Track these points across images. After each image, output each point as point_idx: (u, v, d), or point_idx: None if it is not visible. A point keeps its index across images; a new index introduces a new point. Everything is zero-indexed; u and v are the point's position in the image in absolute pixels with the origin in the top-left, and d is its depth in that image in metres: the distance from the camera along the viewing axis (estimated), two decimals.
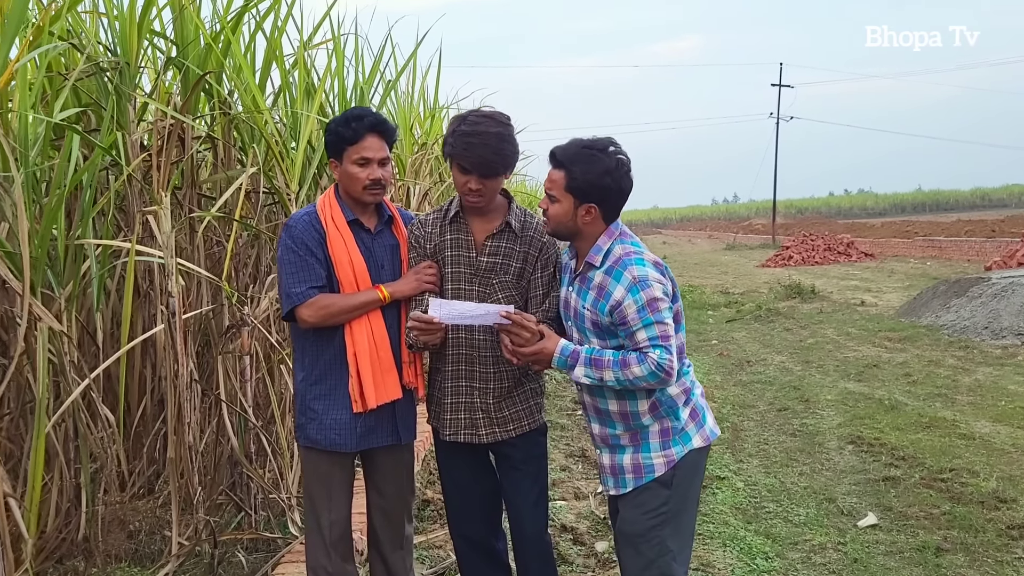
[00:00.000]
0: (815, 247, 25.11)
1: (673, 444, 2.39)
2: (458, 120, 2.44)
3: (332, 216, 2.51)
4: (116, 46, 4.09)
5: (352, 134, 2.48)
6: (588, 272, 2.40)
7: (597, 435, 2.49)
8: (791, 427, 5.90)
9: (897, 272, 18.95)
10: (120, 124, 3.93)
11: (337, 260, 2.48)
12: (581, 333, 2.43)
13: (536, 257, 2.56)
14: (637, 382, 2.26)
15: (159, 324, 3.24)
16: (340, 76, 4.67)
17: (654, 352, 2.24)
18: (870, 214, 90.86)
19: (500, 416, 2.55)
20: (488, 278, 2.52)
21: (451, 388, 2.55)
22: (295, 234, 2.49)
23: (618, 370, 2.27)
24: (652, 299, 2.25)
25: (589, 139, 2.35)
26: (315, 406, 2.53)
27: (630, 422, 2.40)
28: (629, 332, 2.28)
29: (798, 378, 7.56)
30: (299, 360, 2.59)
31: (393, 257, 2.61)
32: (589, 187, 2.30)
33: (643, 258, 2.34)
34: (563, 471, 4.91)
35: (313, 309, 2.44)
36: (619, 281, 2.29)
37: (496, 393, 2.54)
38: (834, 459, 5.09)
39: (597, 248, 2.38)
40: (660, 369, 2.23)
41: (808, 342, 9.53)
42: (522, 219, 2.57)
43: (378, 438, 2.57)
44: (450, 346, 2.53)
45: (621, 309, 2.27)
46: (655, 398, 2.37)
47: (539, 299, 2.56)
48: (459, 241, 2.53)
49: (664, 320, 2.27)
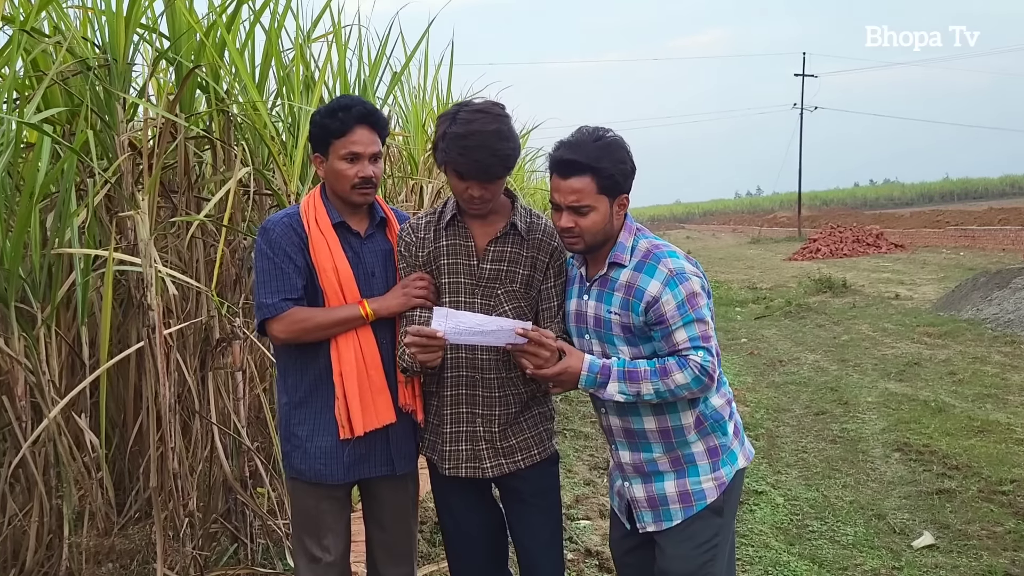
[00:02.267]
0: (843, 239, 24.52)
1: (723, 464, 2.12)
2: (447, 119, 2.11)
3: (316, 218, 2.22)
4: (107, 43, 3.84)
5: (339, 125, 2.18)
6: (611, 273, 2.11)
7: (628, 464, 2.18)
8: (831, 432, 5.53)
9: (930, 263, 18.37)
10: (108, 124, 3.72)
11: (320, 267, 2.19)
12: (606, 344, 2.13)
13: (547, 263, 2.24)
14: (679, 391, 1.99)
15: (143, 340, 2.96)
16: (342, 68, 4.38)
17: (696, 354, 1.98)
18: (897, 204, 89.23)
19: (506, 446, 2.23)
20: (492, 288, 2.20)
21: (450, 415, 2.24)
22: (272, 238, 2.19)
23: (657, 380, 1.99)
24: (692, 293, 2.00)
25: (588, 131, 2.06)
26: (299, 432, 2.24)
27: (672, 441, 2.11)
28: (666, 332, 2.01)
29: (835, 378, 7.17)
30: (281, 380, 2.30)
31: (386, 264, 2.30)
32: (623, 178, 2.05)
33: (675, 251, 2.08)
34: (587, 485, 4.58)
35: (285, 324, 2.16)
36: (653, 275, 2.03)
37: (502, 420, 2.23)
38: (880, 469, 4.72)
39: (621, 246, 2.11)
40: (704, 373, 1.98)
41: (842, 339, 9.12)
42: (528, 220, 2.26)
43: (370, 467, 2.27)
44: (449, 367, 2.21)
45: (658, 306, 2.00)
46: (699, 411, 2.09)
47: (553, 311, 2.25)
48: (457, 247, 2.22)
49: (704, 318, 2.01)
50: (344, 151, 2.18)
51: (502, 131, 2.06)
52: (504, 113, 2.11)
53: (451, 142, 2.05)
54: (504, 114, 2.11)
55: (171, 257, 4.00)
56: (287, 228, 2.21)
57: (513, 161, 2.11)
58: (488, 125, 2.05)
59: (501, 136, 2.05)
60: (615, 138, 2.05)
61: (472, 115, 2.06)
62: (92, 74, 3.68)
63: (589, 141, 2.02)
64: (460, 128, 2.04)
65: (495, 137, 2.04)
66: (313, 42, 4.57)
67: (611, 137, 2.04)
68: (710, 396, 2.11)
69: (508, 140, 2.07)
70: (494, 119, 2.07)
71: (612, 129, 2.07)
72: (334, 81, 4.47)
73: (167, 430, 2.79)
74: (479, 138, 2.02)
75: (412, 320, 2.19)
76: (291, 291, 2.16)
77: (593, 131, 2.05)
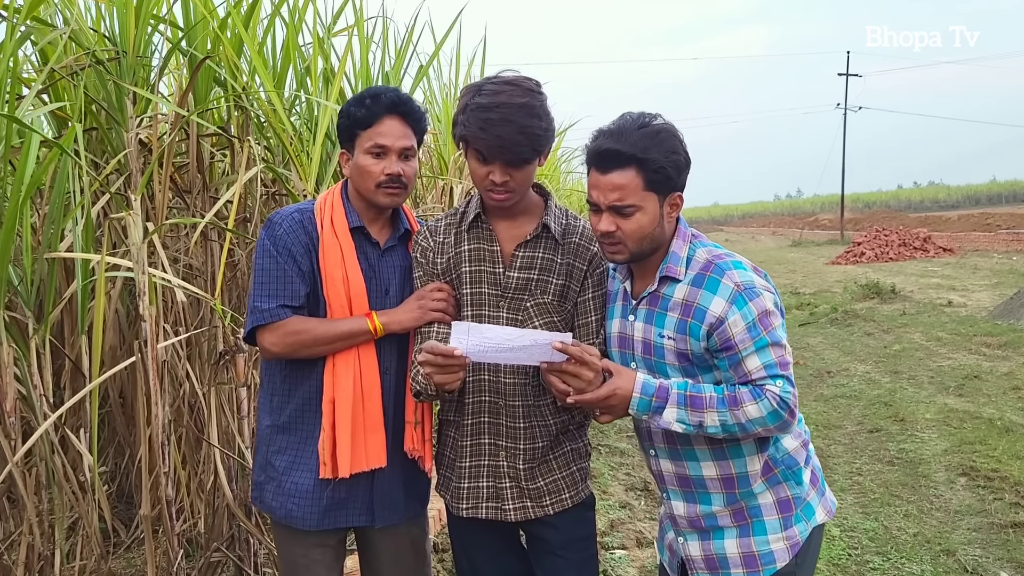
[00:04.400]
0: (888, 242, 23.76)
1: (796, 521, 1.77)
2: (471, 91, 1.81)
3: (332, 218, 1.94)
4: (117, 35, 3.64)
5: (366, 115, 1.92)
6: (663, 289, 1.78)
7: (682, 516, 1.85)
8: (887, 453, 5.13)
9: (982, 268, 17.63)
10: (117, 121, 3.51)
11: (328, 275, 1.90)
12: (657, 374, 1.80)
13: (585, 271, 1.93)
14: (750, 426, 1.67)
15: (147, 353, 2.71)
16: (364, 58, 4.11)
17: (773, 384, 1.66)
18: (942, 207, 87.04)
19: (533, 487, 1.92)
20: (520, 300, 1.89)
21: (470, 447, 1.94)
22: (277, 234, 1.92)
23: (725, 410, 1.67)
24: (764, 312, 1.68)
25: (633, 117, 1.73)
26: (276, 462, 1.96)
27: (735, 491, 1.78)
28: (735, 360, 1.69)
29: (888, 392, 6.73)
30: (266, 399, 2.02)
31: (403, 282, 2.01)
32: (675, 172, 1.72)
33: (740, 260, 1.75)
34: (622, 509, 4.25)
35: (279, 335, 1.87)
36: (716, 291, 1.70)
37: (528, 455, 1.92)
38: (945, 496, 4.32)
39: (674, 256, 1.78)
40: (783, 407, 1.65)
41: (894, 348, 8.64)
42: (564, 221, 1.95)
43: (347, 515, 1.96)
44: (470, 391, 1.91)
45: (724, 328, 1.67)
46: (768, 455, 1.76)
47: (592, 328, 1.93)
48: (480, 252, 1.92)
49: (781, 341, 1.69)
50: (370, 143, 1.91)
51: (532, 106, 1.76)
52: (537, 88, 1.81)
53: (472, 114, 1.76)
54: (537, 89, 1.81)
55: (187, 260, 3.77)
56: (296, 225, 1.93)
57: (544, 143, 1.81)
58: (516, 98, 1.75)
59: (531, 112, 1.76)
60: (665, 125, 1.72)
61: (500, 87, 1.77)
62: (102, 68, 3.49)
63: (634, 128, 1.70)
64: (485, 99, 1.76)
65: (524, 112, 1.75)
66: (335, 36, 4.33)
67: (660, 123, 1.72)
68: (782, 437, 1.78)
69: (539, 118, 1.77)
70: (524, 92, 1.77)
71: (661, 115, 1.75)
72: (355, 73, 4.20)
73: (159, 453, 2.53)
74: (505, 111, 1.73)
75: (428, 337, 1.89)
76: (292, 297, 1.89)
77: (638, 117, 1.73)
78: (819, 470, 1.89)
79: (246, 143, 3.37)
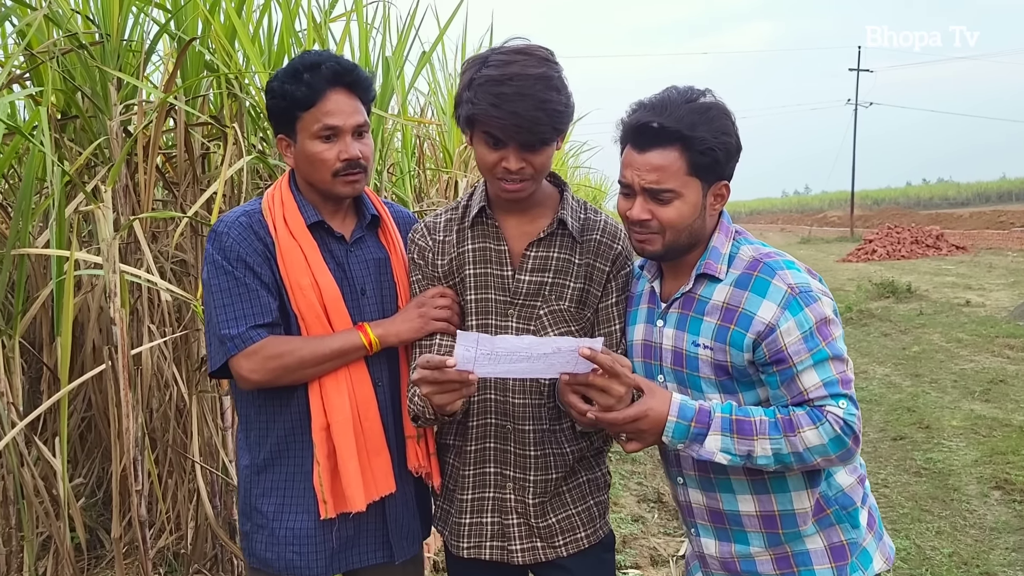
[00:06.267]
0: (900, 240, 23.43)
1: (852, 571, 1.53)
2: (476, 63, 1.56)
3: (285, 217, 1.67)
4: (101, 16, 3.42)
5: (307, 92, 1.62)
6: (700, 290, 1.54)
7: (714, 556, 1.61)
8: (914, 463, 4.87)
9: (997, 267, 17.29)
10: (100, 108, 3.30)
11: (294, 284, 1.64)
12: (689, 389, 1.56)
13: (607, 273, 1.68)
14: (809, 456, 1.42)
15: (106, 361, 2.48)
16: (364, 43, 3.87)
17: (836, 405, 1.41)
18: (952, 204, 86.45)
19: (544, 525, 1.68)
20: (532, 307, 1.65)
21: (472, 477, 1.69)
22: (227, 245, 1.64)
23: (779, 437, 1.42)
24: (824, 320, 1.44)
25: (679, 90, 1.49)
26: (263, 507, 1.69)
27: (779, 531, 1.53)
28: (788, 375, 1.44)
29: (910, 396, 6.46)
30: (242, 437, 1.76)
31: (380, 277, 1.75)
32: (725, 157, 1.48)
33: (792, 260, 1.51)
34: (634, 522, 4.00)
35: (259, 360, 1.59)
36: (765, 294, 1.46)
37: (538, 489, 1.67)
38: (978, 511, 4.07)
39: (715, 252, 1.54)
40: (848, 432, 1.41)
41: (913, 350, 8.36)
42: (582, 216, 1.70)
43: (361, 554, 1.72)
44: (474, 413, 1.67)
45: (775, 337, 1.43)
46: (820, 492, 1.51)
47: (616, 338, 1.69)
48: (486, 252, 1.67)
49: (843, 355, 1.45)
50: (318, 126, 1.63)
51: (551, 77, 1.51)
52: (552, 58, 1.56)
53: (481, 89, 1.50)
54: (552, 59, 1.55)
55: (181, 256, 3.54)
56: (245, 231, 1.65)
57: (565, 121, 1.55)
58: (531, 68, 1.49)
59: (549, 84, 1.50)
60: (716, 102, 1.48)
61: (511, 56, 1.52)
62: (85, 52, 3.27)
63: (681, 102, 1.46)
64: (495, 71, 1.50)
65: (542, 84, 1.49)
66: (333, 21, 4.10)
67: (711, 100, 1.48)
68: (835, 471, 1.54)
69: (558, 91, 1.52)
70: (539, 62, 1.52)
71: (712, 90, 1.50)
72: (353, 58, 3.97)
73: (131, 469, 2.30)
74: (520, 84, 1.47)
75: (429, 350, 1.65)
76: (262, 314, 1.61)
77: (686, 90, 1.49)
78: (876, 510, 1.65)
79: (230, 130, 3.13)
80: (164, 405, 3.24)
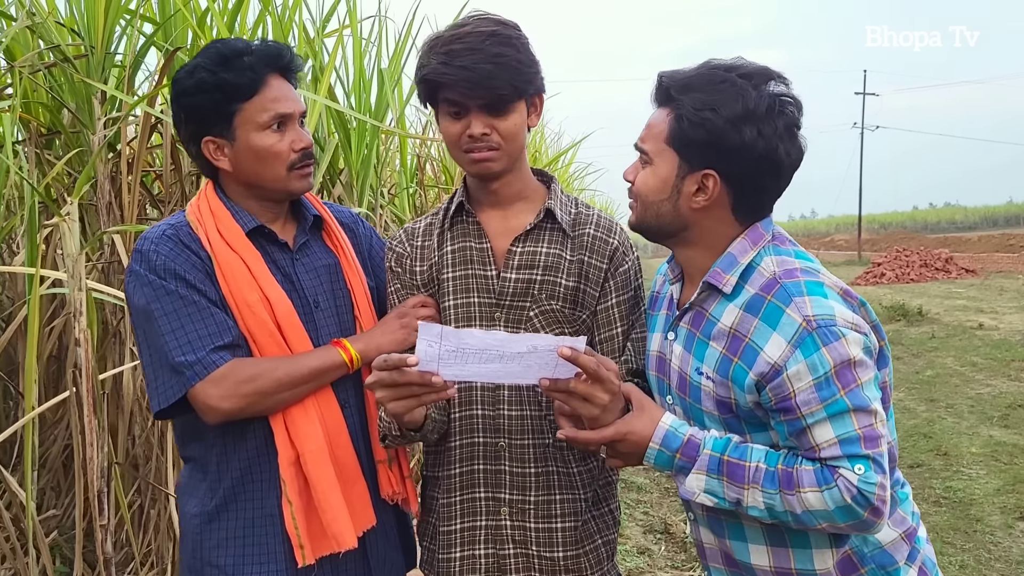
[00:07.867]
0: (910, 263, 23.22)
1: None
2: (432, 39, 1.47)
3: (218, 228, 1.48)
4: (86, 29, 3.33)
5: (250, 79, 1.45)
6: (708, 304, 1.34)
7: None
8: (933, 492, 4.65)
9: (1008, 290, 17.05)
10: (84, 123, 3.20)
11: (240, 302, 1.45)
12: (691, 419, 1.37)
13: (604, 270, 1.52)
14: (810, 520, 1.20)
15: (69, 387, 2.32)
16: (358, 55, 3.75)
17: (850, 469, 1.17)
18: (959, 228, 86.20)
19: (547, 557, 1.50)
20: (521, 308, 1.49)
21: (460, 505, 1.52)
22: (159, 264, 1.43)
23: (774, 492, 1.21)
24: (845, 363, 1.18)
25: (715, 62, 1.33)
26: (219, 560, 1.48)
27: None
28: (797, 427, 1.22)
29: (926, 422, 6.25)
30: (188, 481, 1.55)
31: (333, 286, 1.59)
32: (714, 137, 1.26)
33: (821, 281, 1.27)
34: (641, 555, 3.80)
35: (229, 386, 1.39)
36: (775, 326, 1.23)
37: (540, 512, 1.50)
38: (1003, 543, 3.86)
39: (728, 260, 1.32)
40: (862, 503, 1.17)
41: (926, 374, 8.15)
42: (573, 210, 1.56)
43: None
44: (456, 432, 1.51)
45: (781, 381, 1.21)
46: (852, 549, 1.29)
47: (616, 344, 1.53)
48: (467, 252, 1.53)
49: (868, 405, 1.19)
50: (266, 116, 1.46)
51: (505, 35, 1.43)
52: (512, 24, 1.47)
53: (432, 51, 1.43)
54: (511, 24, 1.47)
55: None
56: (176, 246, 1.46)
57: (523, 78, 1.43)
58: (483, 27, 1.42)
59: (503, 40, 1.42)
60: (740, 83, 1.26)
61: (465, 21, 1.45)
62: (70, 64, 3.17)
63: (705, 68, 1.31)
64: (446, 34, 1.44)
65: (494, 40, 1.41)
66: (327, 36, 3.99)
67: (742, 77, 1.27)
68: None
69: (515, 49, 1.43)
70: (494, 23, 1.44)
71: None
72: (347, 71, 3.86)
73: (94, 503, 2.13)
74: (471, 40, 1.40)
75: None
76: (219, 334, 1.42)
77: (719, 64, 1.32)
78: (932, 566, 1.38)
79: None
80: (147, 431, 3.08)
